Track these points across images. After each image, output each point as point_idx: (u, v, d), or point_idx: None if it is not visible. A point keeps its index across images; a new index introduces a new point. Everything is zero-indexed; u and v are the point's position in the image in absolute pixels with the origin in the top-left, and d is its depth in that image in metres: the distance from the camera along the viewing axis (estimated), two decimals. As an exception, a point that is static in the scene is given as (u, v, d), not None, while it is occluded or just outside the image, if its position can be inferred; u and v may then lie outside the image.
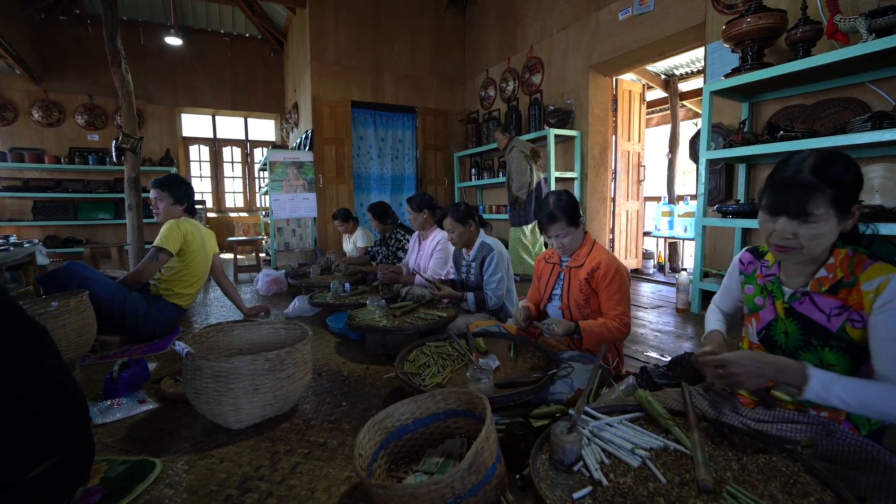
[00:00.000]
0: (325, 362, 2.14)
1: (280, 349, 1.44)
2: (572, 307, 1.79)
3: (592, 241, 1.80)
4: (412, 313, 2.37)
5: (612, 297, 1.69)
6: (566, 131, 4.68)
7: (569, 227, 1.72)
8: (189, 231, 2.55)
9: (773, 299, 1.14)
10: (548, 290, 1.87)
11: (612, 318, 1.68)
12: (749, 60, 2.85)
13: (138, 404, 1.63)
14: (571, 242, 1.75)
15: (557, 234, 1.73)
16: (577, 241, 1.76)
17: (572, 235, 1.74)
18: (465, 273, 2.56)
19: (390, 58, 6.23)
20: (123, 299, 2.31)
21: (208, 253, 2.77)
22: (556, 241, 1.76)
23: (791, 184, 0.97)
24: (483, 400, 1.13)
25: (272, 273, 4.02)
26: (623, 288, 1.70)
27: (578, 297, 1.76)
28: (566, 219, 1.71)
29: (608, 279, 1.69)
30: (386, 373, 1.99)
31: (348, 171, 6.04)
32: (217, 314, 3.29)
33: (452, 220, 2.39)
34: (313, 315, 3.12)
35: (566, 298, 1.80)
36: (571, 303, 1.78)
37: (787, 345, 1.10)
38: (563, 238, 1.74)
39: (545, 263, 1.95)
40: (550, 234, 1.76)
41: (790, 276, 1.12)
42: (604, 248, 1.77)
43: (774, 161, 3.05)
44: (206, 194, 8.50)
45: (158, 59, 7.50)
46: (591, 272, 1.72)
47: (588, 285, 1.73)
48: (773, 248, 1.04)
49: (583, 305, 1.76)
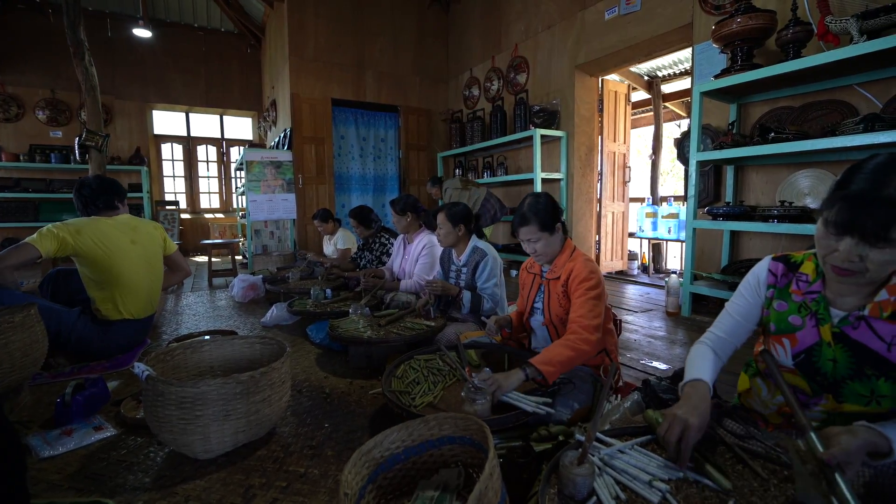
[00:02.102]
0: (306, 377, 1.99)
1: (254, 369, 1.30)
2: (555, 322, 1.67)
3: (572, 247, 1.69)
4: (398, 322, 2.24)
5: (580, 301, 1.51)
6: (552, 131, 4.62)
7: (541, 232, 1.59)
8: (74, 232, 2.07)
9: (816, 321, 1.01)
10: (529, 302, 1.78)
11: (575, 327, 1.47)
12: (739, 61, 2.82)
13: (94, 432, 1.46)
14: (545, 249, 1.63)
15: (529, 237, 1.62)
16: (552, 247, 1.64)
17: (546, 241, 1.62)
18: (454, 278, 2.45)
19: (372, 55, 6.07)
20: (71, 327, 2.10)
21: (138, 252, 2.28)
22: (528, 246, 1.65)
23: (871, 201, 0.81)
24: (483, 428, 1.02)
25: (249, 278, 3.82)
26: (592, 292, 1.52)
27: (559, 310, 1.64)
28: (538, 223, 1.59)
29: (577, 282, 1.55)
30: (371, 388, 1.86)
31: (329, 171, 5.85)
32: (189, 323, 3.09)
33: (444, 216, 2.28)
34: (293, 323, 2.96)
35: (548, 313, 1.69)
36: (553, 317, 1.67)
37: (834, 373, 0.99)
38: (535, 243, 1.62)
39: (527, 273, 1.83)
40: (521, 237, 1.65)
41: (840, 295, 0.99)
42: (584, 255, 1.66)
43: (764, 163, 3.04)
44: (179, 195, 8.17)
45: (127, 52, 7.16)
46: (565, 282, 1.61)
47: (566, 297, 1.62)
48: (831, 269, 0.92)
49: (563, 318, 1.65)
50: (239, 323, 3.06)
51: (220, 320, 3.14)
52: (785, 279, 1.10)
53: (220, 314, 3.33)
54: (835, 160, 2.71)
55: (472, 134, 5.72)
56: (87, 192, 2.27)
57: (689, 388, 1.06)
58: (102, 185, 2.32)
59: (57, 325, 2.03)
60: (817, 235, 0.94)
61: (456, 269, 2.43)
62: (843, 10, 2.59)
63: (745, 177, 3.20)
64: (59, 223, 2.08)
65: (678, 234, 6.01)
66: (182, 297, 4.01)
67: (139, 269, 2.27)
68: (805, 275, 1.07)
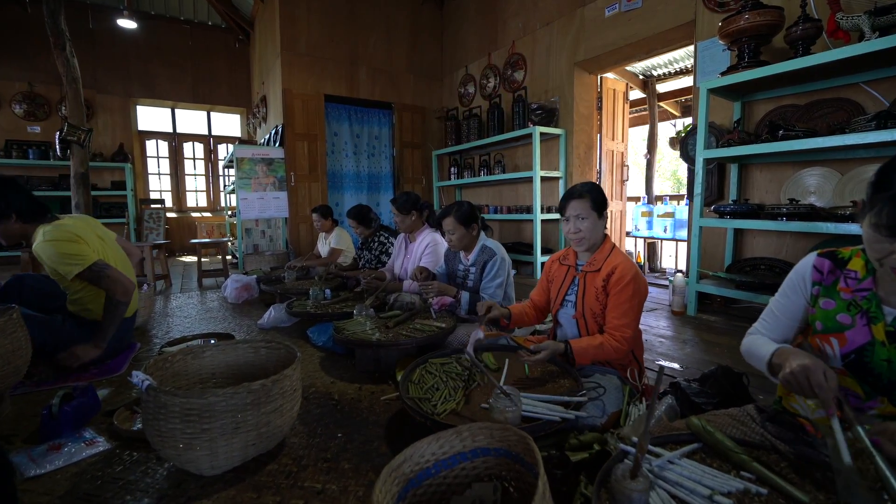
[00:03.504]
0: (311, 382, 1.89)
1: (260, 376, 1.20)
2: (587, 316, 1.62)
3: (612, 244, 1.65)
4: (406, 324, 2.15)
5: (619, 305, 1.53)
6: (551, 129, 4.57)
7: (593, 211, 1.57)
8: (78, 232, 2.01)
9: (868, 319, 0.97)
10: (560, 295, 1.71)
11: (611, 331, 1.53)
12: (746, 58, 2.79)
13: (85, 446, 1.34)
14: (590, 232, 1.58)
15: (578, 213, 1.56)
16: (596, 233, 1.60)
17: (593, 223, 1.57)
18: (461, 278, 2.36)
19: (365, 51, 5.95)
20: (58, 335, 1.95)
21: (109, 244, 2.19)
22: (573, 224, 1.59)
23: None
24: (526, 441, 0.94)
25: (242, 279, 3.69)
26: (634, 299, 1.55)
27: (594, 305, 1.60)
28: (592, 200, 1.57)
29: (621, 285, 1.53)
30: (382, 393, 1.76)
31: (322, 168, 5.72)
32: (180, 325, 2.95)
33: (455, 220, 2.18)
34: (291, 325, 2.84)
35: (580, 306, 1.64)
36: (587, 311, 1.62)
37: (890, 374, 0.94)
38: (583, 221, 1.57)
39: (559, 265, 1.77)
40: (569, 212, 1.59)
41: (892, 293, 0.96)
42: (623, 253, 1.63)
43: (769, 161, 3.02)
44: (165, 193, 7.92)
45: (110, 45, 6.91)
46: (607, 277, 1.56)
47: (604, 292, 1.57)
48: (891, 270, 0.88)
49: (599, 315, 1.60)
50: (234, 325, 2.93)
51: (214, 322, 3.01)
52: (832, 276, 1.06)
53: (213, 316, 3.20)
54: (841, 158, 2.70)
55: (469, 132, 5.64)
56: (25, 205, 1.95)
57: (783, 352, 1.02)
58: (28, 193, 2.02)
59: (42, 334, 1.87)
60: (867, 239, 0.90)
61: (464, 268, 2.35)
62: (850, 7, 2.58)
63: (749, 175, 3.19)
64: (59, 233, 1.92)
65: (674, 234, 6.02)
66: (171, 299, 3.85)
67: (120, 260, 2.19)
68: (854, 272, 1.03)
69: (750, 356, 1.14)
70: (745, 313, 3.02)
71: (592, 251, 1.64)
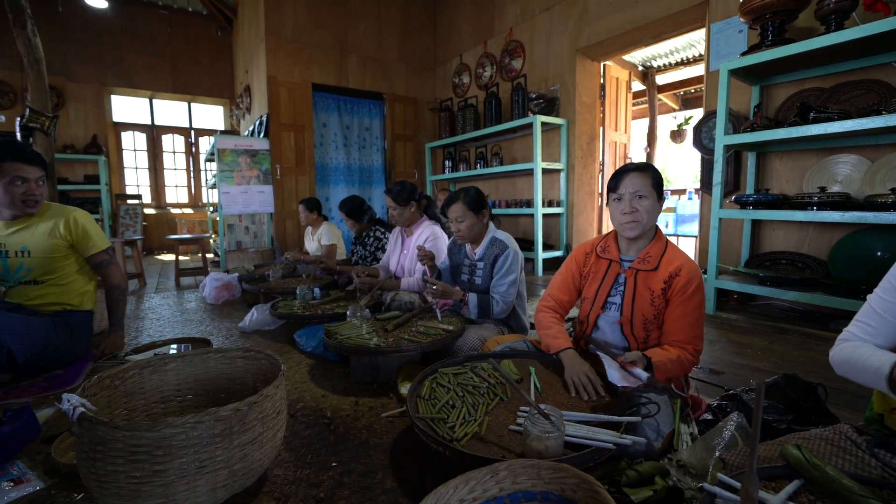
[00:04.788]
0: (299, 396, 1.63)
1: (240, 393, 0.94)
2: (636, 323, 1.37)
3: (665, 238, 1.40)
4: (406, 326, 1.89)
5: (686, 315, 1.30)
6: (552, 119, 4.34)
7: (652, 190, 1.30)
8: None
9: None
10: (601, 296, 1.44)
11: (682, 344, 1.30)
12: (770, 37, 2.60)
13: (11, 487, 1.06)
14: (647, 216, 1.30)
15: (637, 189, 1.29)
16: (652, 219, 1.33)
17: (652, 206, 1.30)
18: (467, 274, 2.11)
19: (355, 38, 5.66)
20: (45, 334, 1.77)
21: None
22: (628, 202, 1.31)
23: None
24: (593, 486, 0.69)
25: (222, 277, 3.39)
26: (703, 306, 1.33)
27: (648, 311, 1.34)
28: (653, 178, 1.30)
29: (688, 292, 1.29)
30: (382, 408, 1.51)
31: (309, 161, 5.42)
32: (152, 329, 2.65)
33: (464, 206, 1.93)
34: (276, 328, 2.57)
35: (629, 311, 1.37)
36: (636, 317, 1.36)
37: None
38: (641, 200, 1.29)
39: (596, 258, 1.49)
40: (625, 188, 1.31)
41: None
42: (681, 250, 1.38)
43: (790, 148, 2.84)
44: (143, 188, 7.52)
45: (81, 29, 6.49)
46: (669, 280, 1.31)
47: (663, 297, 1.33)
48: None
49: (650, 322, 1.35)
50: (212, 328, 2.64)
51: (190, 325, 2.72)
52: None
53: (190, 318, 2.90)
54: (871, 144, 2.52)
55: (464, 123, 5.39)
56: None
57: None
58: None
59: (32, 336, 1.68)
60: None
61: (470, 264, 2.10)
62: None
63: (769, 164, 3.00)
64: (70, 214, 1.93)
65: (676, 229, 5.86)
66: (144, 299, 3.53)
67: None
68: None
69: (852, 368, 0.91)
70: (765, 311, 2.82)
71: (641, 242, 1.40)
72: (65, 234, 1.87)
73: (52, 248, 1.84)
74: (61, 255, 1.88)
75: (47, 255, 1.84)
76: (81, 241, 1.92)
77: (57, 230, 1.85)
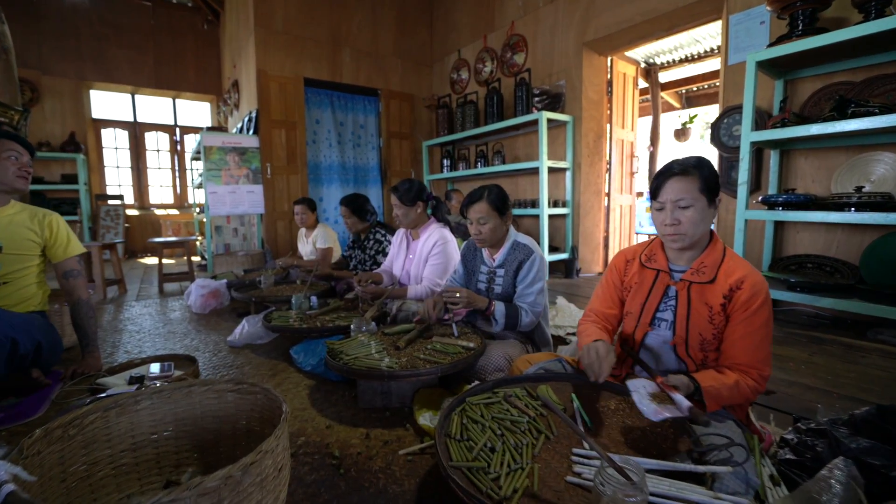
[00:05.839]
0: (300, 428, 1.40)
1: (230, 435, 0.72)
2: (692, 344, 1.17)
3: (723, 246, 1.20)
4: (418, 342, 1.68)
5: (751, 334, 1.10)
6: (558, 115, 4.16)
7: (701, 196, 1.11)
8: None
9: None
10: (648, 312, 1.25)
11: (745, 368, 1.10)
12: (800, 26, 2.44)
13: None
14: (696, 223, 1.12)
15: (680, 197, 1.11)
16: (704, 225, 1.14)
17: (702, 210, 1.12)
18: (484, 283, 1.90)
19: (349, 31, 5.42)
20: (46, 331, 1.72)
21: None
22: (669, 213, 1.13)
23: None
24: None
25: (209, 284, 3.13)
26: (770, 324, 1.13)
27: (706, 329, 1.15)
28: (702, 180, 1.11)
29: (753, 307, 1.09)
30: (399, 443, 1.29)
31: (302, 159, 5.16)
32: (130, 343, 2.39)
33: (488, 206, 1.72)
34: (269, 341, 2.33)
35: (683, 329, 1.18)
36: (692, 337, 1.17)
37: None
38: (687, 210, 1.11)
39: (639, 267, 1.30)
40: (666, 195, 1.13)
41: None
42: (741, 258, 1.19)
43: (816, 146, 2.69)
44: (125, 188, 7.18)
45: (57, 20, 6.15)
46: (729, 294, 1.12)
47: (723, 314, 1.14)
48: None
49: (708, 343, 1.16)
50: (198, 342, 2.40)
51: (173, 339, 2.47)
52: None
53: (174, 330, 2.65)
54: (907, 141, 2.37)
55: (464, 120, 5.18)
56: None
57: None
58: None
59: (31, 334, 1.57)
60: None
61: (488, 271, 1.89)
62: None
63: (793, 163, 2.84)
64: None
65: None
66: (124, 308, 3.26)
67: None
68: None
69: None
70: (791, 318, 2.66)
71: (694, 251, 1.21)
72: (42, 233, 1.77)
73: (24, 246, 1.74)
74: (30, 254, 1.76)
75: (18, 252, 1.73)
76: (58, 243, 1.81)
77: (34, 228, 1.76)
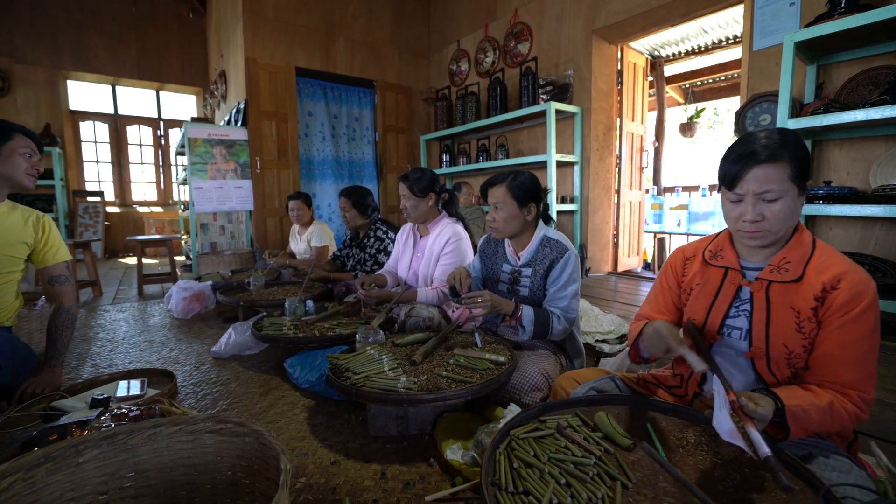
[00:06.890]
0: (299, 464, 1.15)
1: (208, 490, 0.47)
2: (776, 357, 0.94)
3: (811, 236, 0.97)
4: (436, 354, 1.44)
5: (851, 344, 0.87)
6: (566, 106, 3.94)
7: (791, 185, 0.88)
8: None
9: None
10: (715, 318, 1.02)
11: (842, 388, 0.87)
12: (842, 3, 2.24)
13: None
14: (783, 216, 0.89)
15: (765, 189, 0.88)
16: (792, 218, 0.91)
17: (792, 200, 0.89)
18: (507, 283, 1.66)
19: (343, 19, 5.15)
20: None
21: None
22: (751, 207, 0.91)
23: None
24: None
25: (192, 286, 2.85)
26: (877, 334, 0.89)
27: (794, 340, 0.92)
28: (793, 163, 0.87)
29: (853, 313, 0.86)
30: (424, 487, 1.05)
31: (293, 153, 4.88)
32: (100, 355, 2.10)
33: (507, 192, 1.48)
34: (259, 352, 2.07)
35: (761, 339, 0.95)
36: (775, 348, 0.94)
37: None
38: (774, 203, 0.89)
39: (702, 265, 1.07)
40: (747, 185, 0.90)
41: None
42: (838, 252, 0.96)
43: (854, 135, 2.50)
44: (105, 184, 6.81)
45: (31, 5, 5.78)
46: (822, 294, 0.89)
47: (815, 319, 0.90)
48: None
49: (797, 357, 0.92)
50: (178, 353, 2.12)
51: (150, 349, 2.19)
52: None
53: (151, 339, 2.36)
54: (959, 129, 2.19)
55: (464, 113, 4.94)
56: None
57: None
58: None
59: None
60: None
61: (511, 270, 1.65)
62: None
63: (826, 154, 2.65)
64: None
65: (689, 228, 5.55)
66: (97, 314, 2.96)
67: None
68: None
69: None
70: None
71: (776, 245, 0.98)
72: (35, 235, 1.64)
73: (16, 248, 1.60)
74: (19, 257, 1.64)
75: (9, 255, 1.59)
76: (48, 247, 1.69)
77: (27, 228, 1.63)
